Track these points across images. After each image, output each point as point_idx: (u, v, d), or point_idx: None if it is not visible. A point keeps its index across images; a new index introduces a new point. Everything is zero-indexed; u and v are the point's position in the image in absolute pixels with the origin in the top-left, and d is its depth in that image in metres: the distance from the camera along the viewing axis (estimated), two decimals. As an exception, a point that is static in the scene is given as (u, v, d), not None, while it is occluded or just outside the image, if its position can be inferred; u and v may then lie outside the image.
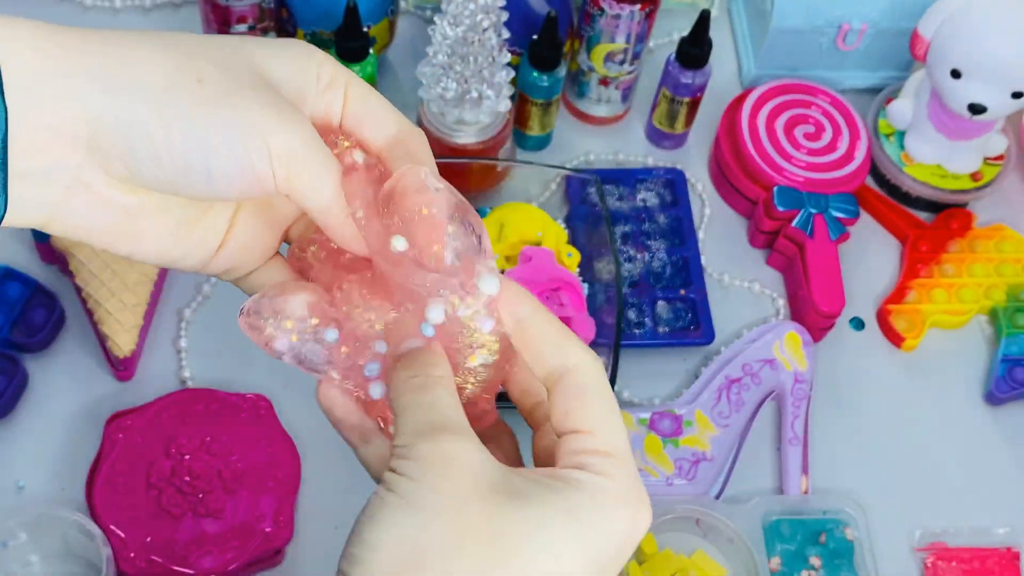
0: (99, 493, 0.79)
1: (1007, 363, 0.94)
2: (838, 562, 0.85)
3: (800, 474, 0.88)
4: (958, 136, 0.98)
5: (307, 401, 0.89)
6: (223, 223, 0.51)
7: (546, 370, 0.48)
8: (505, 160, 0.98)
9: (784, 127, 1.00)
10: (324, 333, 0.50)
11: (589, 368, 0.47)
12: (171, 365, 0.90)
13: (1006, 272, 0.99)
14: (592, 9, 0.97)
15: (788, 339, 0.92)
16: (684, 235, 0.98)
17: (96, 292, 0.87)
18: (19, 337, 0.87)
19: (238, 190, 0.47)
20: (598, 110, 1.05)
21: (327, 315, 0.50)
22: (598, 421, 0.46)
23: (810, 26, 1.03)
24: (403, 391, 0.47)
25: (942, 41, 0.93)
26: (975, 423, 0.94)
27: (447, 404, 0.47)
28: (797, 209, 0.95)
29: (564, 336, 0.48)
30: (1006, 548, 0.88)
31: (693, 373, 0.94)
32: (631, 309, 0.94)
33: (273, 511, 0.80)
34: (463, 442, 0.45)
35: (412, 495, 0.43)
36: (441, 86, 0.92)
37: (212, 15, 0.94)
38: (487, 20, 0.87)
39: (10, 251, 0.92)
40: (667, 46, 1.11)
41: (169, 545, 0.78)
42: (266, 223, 0.52)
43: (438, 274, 0.48)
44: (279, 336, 0.50)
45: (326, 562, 0.83)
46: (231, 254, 0.51)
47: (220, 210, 0.50)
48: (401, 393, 0.47)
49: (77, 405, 0.87)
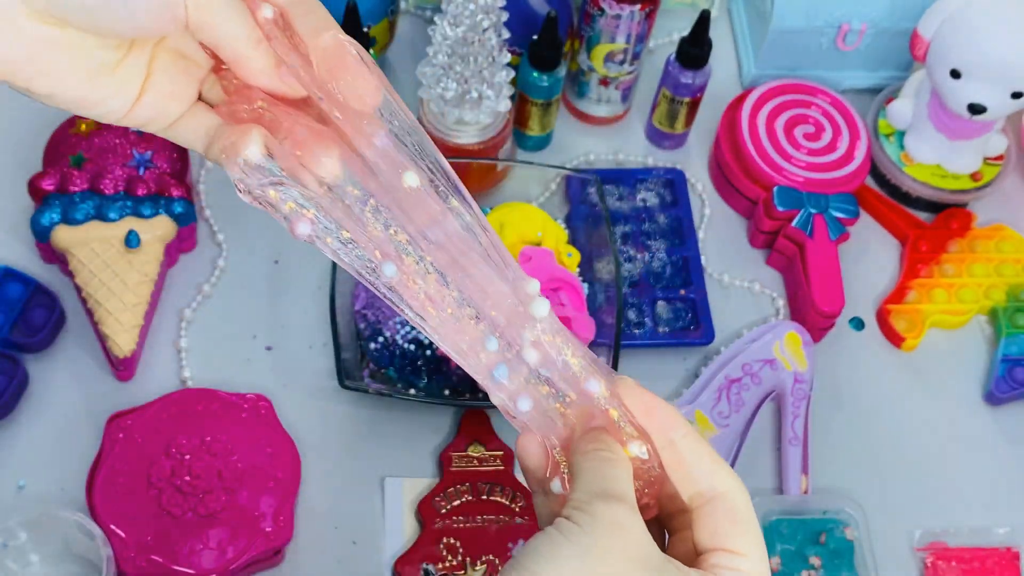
0: (99, 493, 0.79)
1: (1007, 363, 0.94)
2: (838, 562, 0.85)
3: (800, 474, 0.89)
4: (958, 136, 0.98)
5: (307, 401, 0.89)
6: (140, 70, 0.52)
7: (695, 490, 0.52)
8: (505, 160, 0.98)
9: (784, 127, 1.00)
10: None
11: (740, 495, 0.52)
12: (171, 365, 0.90)
13: (1006, 272, 0.99)
14: (592, 9, 0.97)
15: (788, 339, 0.92)
16: (684, 235, 0.98)
17: (96, 292, 0.87)
18: (19, 337, 0.87)
19: (153, 23, 0.49)
20: (598, 110, 1.05)
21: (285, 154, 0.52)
22: (750, 547, 0.51)
23: (810, 26, 1.03)
24: (589, 458, 0.52)
25: (942, 41, 0.93)
26: (975, 423, 0.94)
27: (625, 481, 0.51)
28: (797, 209, 0.95)
29: (715, 461, 0.52)
30: (1006, 548, 0.88)
31: (693, 373, 0.94)
32: (631, 309, 0.94)
33: (273, 511, 0.80)
34: (634, 516, 0.49)
35: (582, 543, 0.47)
36: (441, 86, 0.92)
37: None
38: (487, 20, 0.87)
39: (10, 251, 0.92)
40: (667, 46, 1.11)
41: (169, 545, 0.78)
42: (182, 72, 0.54)
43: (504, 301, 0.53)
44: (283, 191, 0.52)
45: (326, 562, 0.83)
46: (152, 102, 0.53)
47: (137, 57, 0.52)
48: (586, 459, 0.52)
49: (77, 405, 0.87)
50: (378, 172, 0.52)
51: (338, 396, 0.88)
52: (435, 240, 0.53)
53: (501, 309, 0.54)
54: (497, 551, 0.83)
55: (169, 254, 0.91)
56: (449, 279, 0.53)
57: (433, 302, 0.54)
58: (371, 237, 0.52)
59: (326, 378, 0.89)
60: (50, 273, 0.91)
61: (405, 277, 0.53)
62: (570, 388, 0.54)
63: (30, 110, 0.98)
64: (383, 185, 0.52)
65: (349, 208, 0.52)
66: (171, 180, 0.91)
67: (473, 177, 0.97)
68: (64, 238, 0.88)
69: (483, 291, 0.54)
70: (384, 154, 0.52)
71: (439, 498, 0.84)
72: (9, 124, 0.98)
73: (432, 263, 0.53)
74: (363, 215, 0.53)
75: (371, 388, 0.86)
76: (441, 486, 0.85)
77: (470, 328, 0.54)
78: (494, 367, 0.54)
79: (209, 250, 0.95)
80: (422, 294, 0.54)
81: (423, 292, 0.54)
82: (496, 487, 0.85)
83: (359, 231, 0.52)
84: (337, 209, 0.52)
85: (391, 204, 0.53)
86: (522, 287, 0.54)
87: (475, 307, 0.54)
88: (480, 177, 0.97)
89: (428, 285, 0.53)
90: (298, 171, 0.51)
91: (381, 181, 0.52)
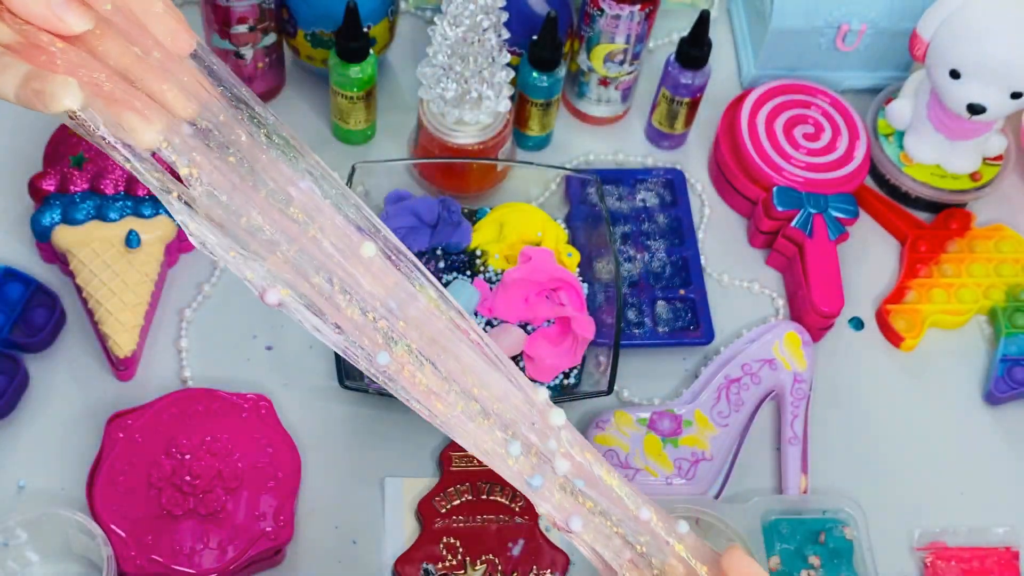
0: (100, 493, 0.79)
1: (1006, 363, 0.95)
2: (837, 562, 0.85)
3: (799, 474, 0.89)
4: (957, 136, 0.99)
5: (307, 401, 0.89)
6: None
7: None
8: (505, 160, 0.98)
9: (783, 127, 1.00)
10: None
11: None
12: (171, 365, 0.90)
13: (1005, 272, 0.99)
14: (592, 9, 0.97)
15: (787, 339, 0.92)
16: (684, 235, 0.99)
17: (96, 292, 0.87)
18: (20, 337, 0.87)
19: None
20: (598, 110, 1.05)
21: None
22: None
23: (810, 26, 1.03)
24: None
25: (941, 41, 0.93)
26: (974, 423, 0.94)
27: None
28: (796, 209, 0.95)
29: None
30: (1005, 548, 0.88)
31: (693, 373, 0.94)
32: (631, 309, 0.95)
33: (273, 511, 0.80)
34: None
35: None
36: (441, 86, 0.92)
37: (213, 15, 0.94)
38: (487, 20, 0.87)
39: (10, 251, 0.92)
40: (667, 46, 1.11)
41: (169, 545, 0.78)
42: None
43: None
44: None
45: (326, 562, 0.84)
46: None
47: None
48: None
49: (77, 405, 0.87)
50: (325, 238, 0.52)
51: (338, 396, 0.88)
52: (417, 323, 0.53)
53: (508, 406, 0.54)
54: (497, 551, 0.83)
55: (169, 254, 0.91)
56: (442, 366, 0.53)
57: (440, 398, 0.54)
58: (350, 320, 0.52)
59: (326, 378, 0.89)
60: (50, 273, 0.91)
61: (399, 366, 0.53)
62: (621, 512, 0.55)
63: (30, 110, 0.98)
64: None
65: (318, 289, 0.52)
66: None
67: (473, 177, 0.97)
68: (64, 238, 0.88)
69: (481, 381, 0.54)
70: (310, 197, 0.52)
71: (439, 498, 0.84)
72: (9, 124, 0.98)
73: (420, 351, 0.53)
74: (334, 297, 0.53)
75: (371, 388, 0.86)
76: (441, 486, 0.85)
77: (485, 428, 0.54)
78: (530, 476, 0.54)
79: (209, 250, 0.95)
80: (422, 386, 0.54)
81: (423, 384, 0.53)
82: (496, 487, 0.85)
83: (336, 314, 0.52)
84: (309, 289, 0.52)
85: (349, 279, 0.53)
86: (529, 394, 0.54)
87: (481, 403, 0.54)
88: (480, 177, 0.97)
89: (427, 377, 0.53)
90: (121, 132, 0.50)
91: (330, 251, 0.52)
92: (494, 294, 0.90)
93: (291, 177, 0.53)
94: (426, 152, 0.97)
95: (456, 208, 0.93)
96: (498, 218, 0.94)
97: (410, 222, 0.92)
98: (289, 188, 0.53)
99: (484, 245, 0.93)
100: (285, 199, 0.53)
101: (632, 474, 0.86)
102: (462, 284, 0.90)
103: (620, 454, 0.87)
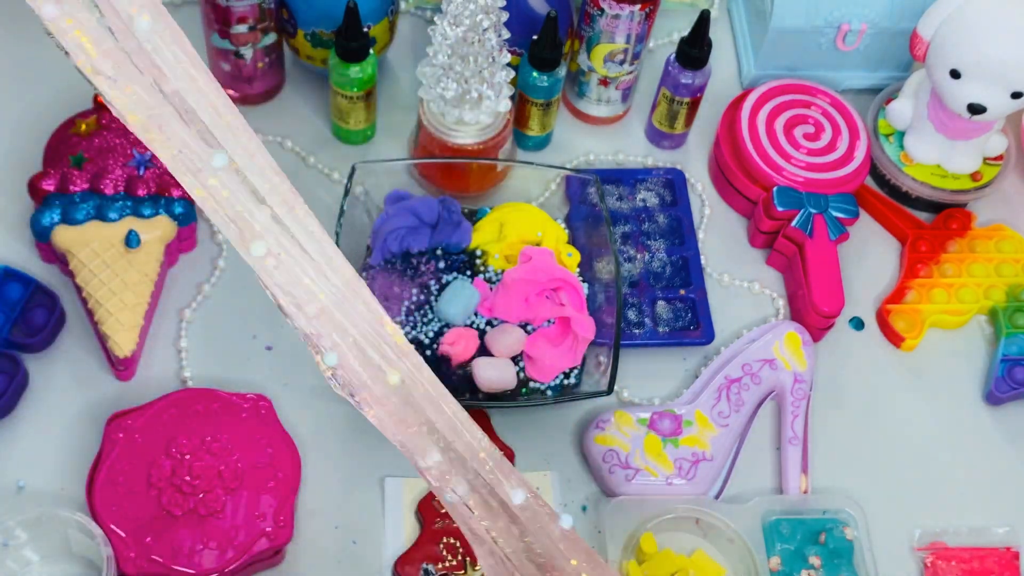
0: (99, 493, 0.79)
1: (1007, 363, 0.94)
2: (838, 562, 0.85)
3: (800, 474, 0.89)
4: (958, 136, 0.99)
5: (307, 401, 0.89)
6: None
7: None
8: (505, 160, 0.98)
9: (784, 127, 1.00)
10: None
11: None
12: (171, 365, 0.90)
13: (1005, 272, 0.99)
14: (592, 9, 0.97)
15: (788, 339, 0.92)
16: (684, 235, 0.98)
17: (96, 292, 0.87)
18: (19, 337, 0.87)
19: None
20: (598, 110, 1.05)
21: None
22: None
23: (810, 26, 1.03)
24: None
25: (941, 41, 0.93)
26: (974, 423, 0.94)
27: None
28: (797, 209, 0.95)
29: None
30: (1005, 548, 0.88)
31: (693, 373, 0.94)
32: (631, 309, 0.94)
33: (273, 511, 0.80)
34: None
35: None
36: (441, 86, 0.92)
37: (213, 15, 0.94)
38: (487, 20, 0.87)
39: (10, 251, 0.92)
40: (667, 46, 1.11)
41: (169, 545, 0.78)
42: None
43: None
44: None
45: (326, 562, 0.83)
46: None
47: None
48: None
49: (77, 405, 0.87)
50: None
51: (338, 396, 0.88)
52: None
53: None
54: (497, 551, 0.83)
55: (169, 254, 0.91)
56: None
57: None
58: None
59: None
60: (50, 273, 0.91)
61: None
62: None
63: (31, 110, 0.99)
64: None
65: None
66: (171, 180, 0.91)
67: (473, 177, 0.97)
68: (64, 238, 0.88)
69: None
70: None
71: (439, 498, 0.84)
72: (9, 124, 0.98)
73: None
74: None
75: (371, 388, 0.86)
76: (441, 486, 0.85)
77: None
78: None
79: (209, 250, 0.95)
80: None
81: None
82: (496, 487, 0.85)
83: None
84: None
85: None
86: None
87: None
88: (480, 177, 0.97)
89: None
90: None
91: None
92: (494, 294, 0.90)
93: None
94: (426, 152, 0.97)
95: (456, 208, 0.93)
96: (498, 218, 0.94)
97: (410, 222, 0.92)
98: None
99: (484, 245, 0.93)
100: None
101: (632, 474, 0.86)
102: (462, 284, 0.89)
103: (620, 454, 0.87)
